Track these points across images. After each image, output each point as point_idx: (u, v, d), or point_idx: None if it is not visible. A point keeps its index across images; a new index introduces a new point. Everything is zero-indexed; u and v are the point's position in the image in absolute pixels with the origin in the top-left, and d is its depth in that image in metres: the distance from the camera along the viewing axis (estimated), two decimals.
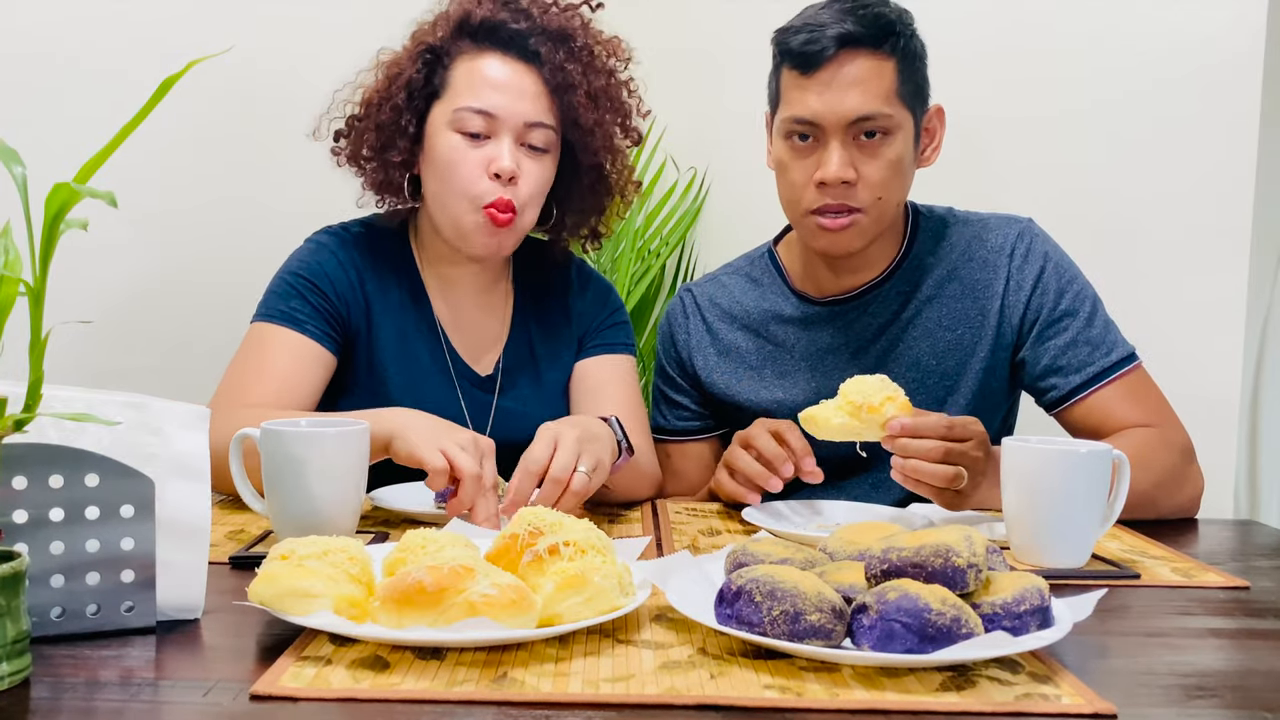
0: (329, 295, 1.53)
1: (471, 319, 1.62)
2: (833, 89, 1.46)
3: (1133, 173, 2.10)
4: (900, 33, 1.48)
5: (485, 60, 1.51)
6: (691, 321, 1.70)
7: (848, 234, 1.51)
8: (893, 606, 0.82)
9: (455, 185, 1.49)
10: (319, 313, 1.52)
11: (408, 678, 0.80)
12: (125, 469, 0.89)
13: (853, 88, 1.45)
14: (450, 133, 1.49)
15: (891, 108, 1.47)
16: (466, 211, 1.49)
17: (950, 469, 1.25)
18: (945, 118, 1.58)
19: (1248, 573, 1.19)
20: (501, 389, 1.61)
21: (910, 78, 1.49)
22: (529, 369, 1.63)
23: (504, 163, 1.47)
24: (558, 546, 0.93)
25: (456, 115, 1.48)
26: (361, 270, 1.57)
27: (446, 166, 1.49)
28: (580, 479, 1.25)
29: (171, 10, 2.07)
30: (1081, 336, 1.54)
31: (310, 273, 1.54)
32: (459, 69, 1.51)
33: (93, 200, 0.77)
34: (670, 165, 2.36)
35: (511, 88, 1.49)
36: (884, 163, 1.48)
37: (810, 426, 1.29)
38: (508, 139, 1.48)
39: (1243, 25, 2.03)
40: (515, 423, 1.55)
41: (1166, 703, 0.81)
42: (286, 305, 1.51)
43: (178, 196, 2.09)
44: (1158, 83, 2.08)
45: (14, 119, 1.95)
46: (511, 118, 1.48)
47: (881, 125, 1.47)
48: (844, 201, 1.49)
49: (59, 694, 0.78)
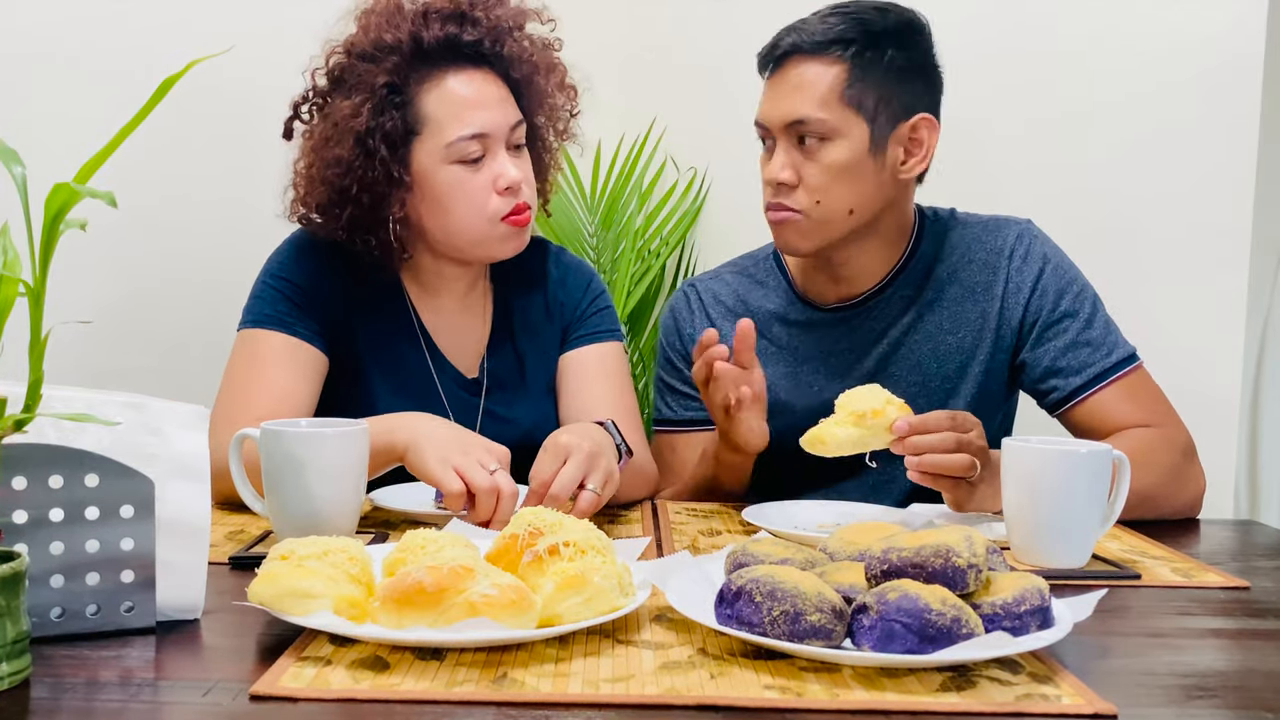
0: (313, 296, 1.51)
1: (454, 321, 1.60)
2: (776, 93, 1.52)
3: (1133, 173, 2.10)
4: (856, 39, 1.48)
5: (451, 81, 1.47)
6: (697, 315, 1.69)
7: (788, 231, 1.53)
8: (893, 607, 0.82)
9: (470, 212, 1.47)
10: (306, 314, 1.50)
11: (408, 678, 0.80)
12: (125, 469, 0.89)
13: (792, 92, 1.50)
14: (447, 166, 1.46)
15: (828, 113, 1.47)
16: (487, 228, 1.49)
17: (965, 457, 1.26)
18: (938, 128, 1.55)
19: (1248, 573, 1.19)
20: (488, 390, 1.59)
21: (867, 85, 1.48)
22: (514, 369, 1.61)
23: (512, 175, 1.47)
24: (558, 547, 0.93)
25: (452, 149, 1.45)
26: (342, 274, 1.54)
27: (456, 199, 1.47)
28: (588, 497, 1.24)
29: (171, 11, 2.07)
30: (1081, 338, 1.54)
31: (293, 274, 1.52)
32: (428, 99, 1.46)
33: (93, 200, 0.77)
34: (670, 165, 2.36)
35: (488, 100, 1.48)
36: (822, 167, 1.49)
37: (818, 448, 1.29)
38: (502, 150, 1.48)
39: (1243, 26, 2.03)
40: (503, 425, 1.55)
41: (1166, 703, 0.81)
42: (274, 309, 1.49)
43: (178, 197, 2.09)
44: (1158, 83, 2.08)
45: (14, 119, 1.95)
46: (499, 129, 1.47)
47: (816, 130, 1.48)
48: (781, 201, 1.51)
49: (59, 694, 0.78)
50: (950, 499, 1.32)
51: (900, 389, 1.57)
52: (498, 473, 1.22)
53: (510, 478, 1.24)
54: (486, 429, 1.55)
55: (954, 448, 1.26)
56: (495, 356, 1.61)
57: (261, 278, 1.54)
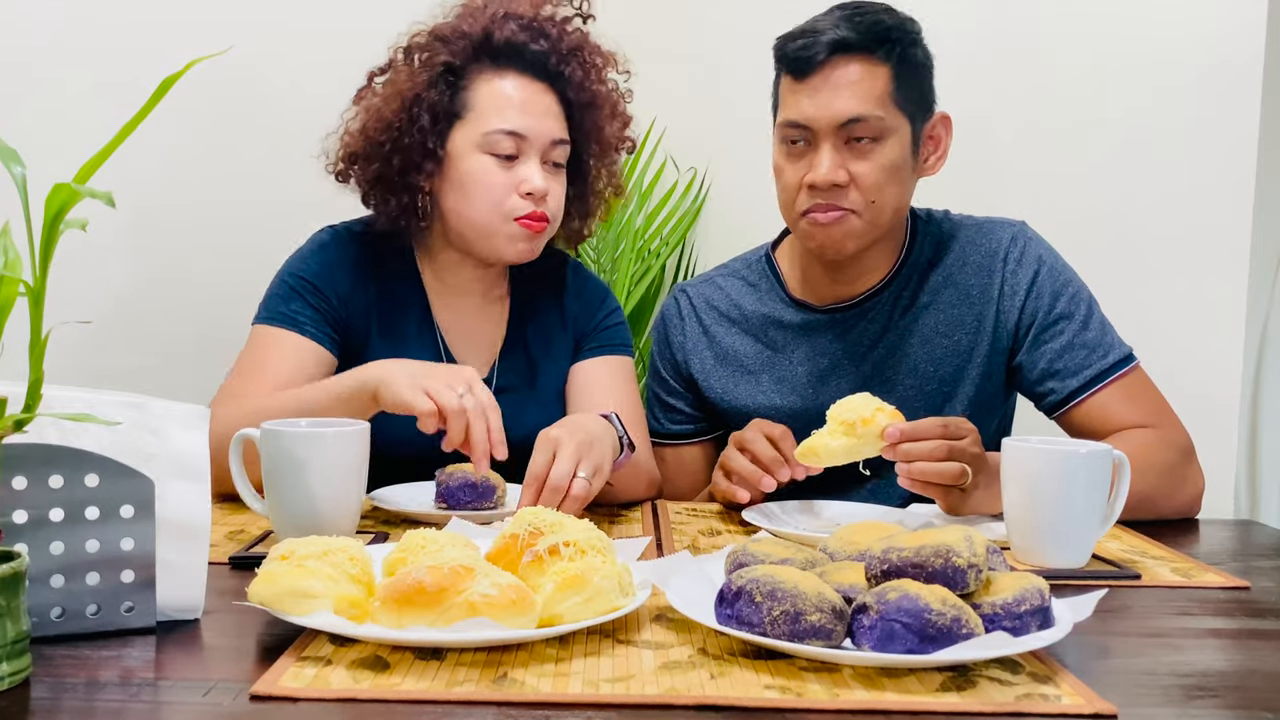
0: (329, 297, 1.54)
1: (470, 323, 1.62)
2: (824, 92, 1.48)
3: (1134, 174, 2.10)
4: (897, 40, 1.48)
5: (507, 81, 1.52)
6: (687, 324, 1.69)
7: (839, 231, 1.51)
8: (893, 606, 0.82)
9: (487, 203, 1.50)
10: (319, 314, 1.53)
11: (408, 678, 0.80)
12: (125, 469, 0.89)
13: (844, 90, 1.47)
14: (479, 154, 1.50)
15: (884, 111, 1.47)
16: (500, 225, 1.51)
17: (956, 465, 1.26)
18: (952, 126, 1.57)
19: (1248, 573, 1.19)
20: (497, 393, 1.60)
21: (908, 85, 1.50)
22: (525, 373, 1.63)
23: (537, 183, 1.50)
24: (558, 547, 0.93)
25: (487, 139, 1.49)
26: (362, 271, 1.57)
27: (478, 187, 1.50)
28: (580, 485, 1.26)
29: (171, 11, 2.07)
30: (1078, 339, 1.54)
31: (310, 274, 1.54)
32: (480, 90, 1.52)
33: (93, 200, 0.77)
34: (670, 165, 2.36)
35: (536, 108, 1.52)
36: (875, 166, 1.48)
37: (810, 459, 1.29)
38: (535, 159, 1.51)
39: (1243, 27, 2.03)
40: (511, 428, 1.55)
41: (1166, 703, 0.81)
42: (287, 308, 1.52)
43: (178, 197, 2.09)
44: (1158, 84, 2.08)
45: (14, 119, 1.95)
46: (539, 138, 1.51)
47: (873, 128, 1.47)
48: (834, 202, 1.50)
49: (59, 694, 0.78)
50: (943, 506, 1.32)
51: (897, 392, 1.57)
52: (465, 396, 1.26)
53: (485, 396, 1.28)
54: None
55: (945, 455, 1.26)
56: (507, 360, 1.63)
57: (280, 275, 1.57)
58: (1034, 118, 2.14)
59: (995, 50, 2.14)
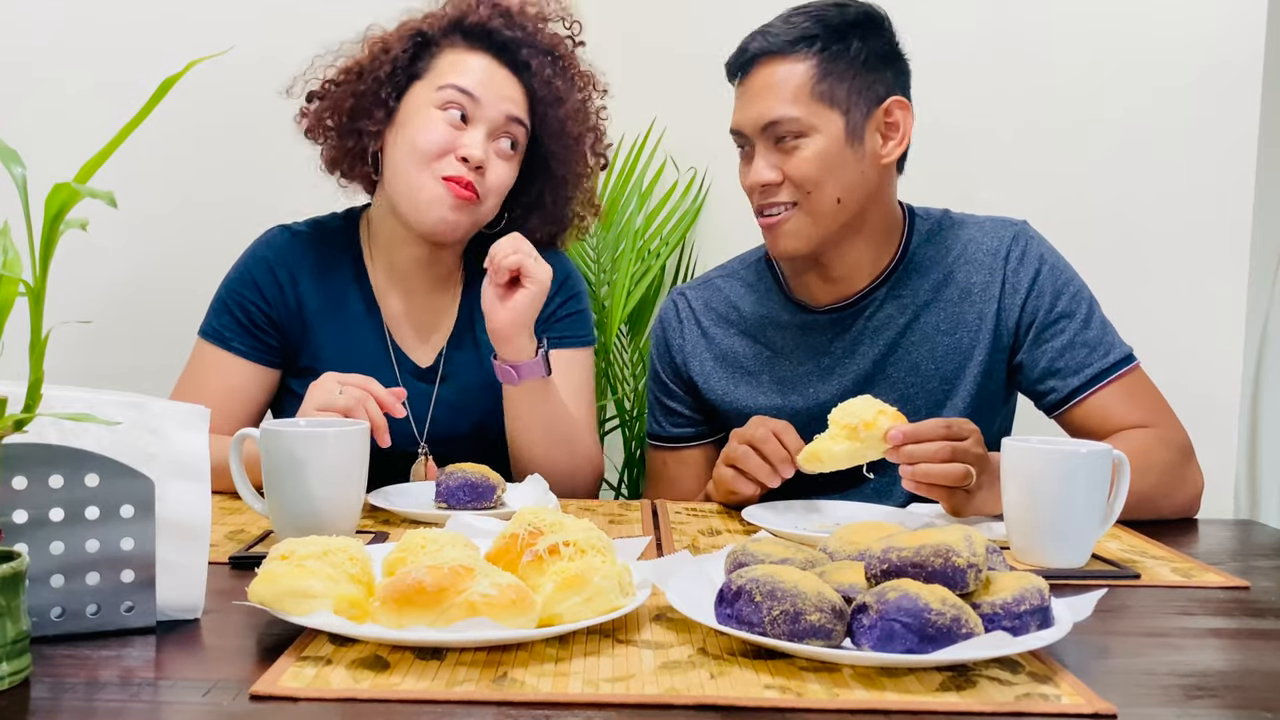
0: (258, 305, 1.57)
1: (418, 312, 1.63)
2: (747, 98, 1.53)
3: (1134, 174, 2.10)
4: (819, 35, 1.49)
5: (474, 56, 1.55)
6: (686, 326, 1.69)
7: (785, 231, 1.52)
8: (893, 606, 0.82)
9: (420, 155, 1.51)
10: (245, 329, 1.56)
11: (408, 678, 0.80)
12: (125, 469, 0.89)
13: (760, 95, 1.51)
14: (430, 109, 1.52)
15: (801, 110, 1.48)
16: (427, 182, 1.51)
17: (960, 467, 1.26)
18: (910, 109, 1.54)
19: (1248, 573, 1.19)
20: (443, 378, 1.62)
21: (837, 77, 1.49)
22: (472, 359, 1.63)
23: (474, 150, 1.50)
24: (558, 546, 0.93)
25: (439, 93, 1.52)
26: (296, 271, 1.59)
27: (418, 136, 1.51)
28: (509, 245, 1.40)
29: (171, 11, 2.07)
30: (1079, 338, 1.54)
31: (241, 284, 1.58)
32: (446, 58, 1.55)
33: (93, 200, 0.77)
34: (670, 165, 2.36)
35: (496, 84, 1.54)
36: (802, 160, 1.49)
37: (814, 464, 1.30)
38: (483, 129, 1.52)
39: (1243, 28, 2.04)
40: (455, 413, 1.57)
41: (1166, 703, 0.81)
42: (218, 321, 1.57)
43: (178, 197, 2.09)
44: (1158, 84, 2.08)
45: (14, 119, 1.95)
46: (491, 106, 1.52)
47: (791, 128, 1.49)
48: (770, 201, 1.52)
49: (59, 694, 0.78)
50: (947, 506, 1.32)
51: (897, 391, 1.57)
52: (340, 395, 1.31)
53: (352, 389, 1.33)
54: (439, 416, 1.59)
55: (948, 457, 1.26)
56: (457, 348, 1.63)
57: (219, 288, 1.61)
58: (1034, 118, 2.14)
59: (995, 50, 2.14)
